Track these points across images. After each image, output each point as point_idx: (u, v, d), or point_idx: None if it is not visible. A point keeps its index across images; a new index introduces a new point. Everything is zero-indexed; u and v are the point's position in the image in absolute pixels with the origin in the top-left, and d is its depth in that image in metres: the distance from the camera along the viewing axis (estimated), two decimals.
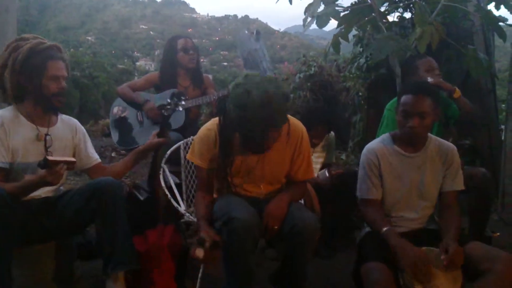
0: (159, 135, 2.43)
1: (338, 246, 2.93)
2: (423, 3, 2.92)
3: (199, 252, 1.75)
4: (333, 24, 3.09)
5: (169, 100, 2.64)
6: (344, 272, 2.28)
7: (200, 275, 2.15)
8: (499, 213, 3.69)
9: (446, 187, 2.10)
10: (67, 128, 2.29)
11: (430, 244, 1.92)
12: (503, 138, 4.01)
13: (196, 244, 1.78)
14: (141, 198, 2.52)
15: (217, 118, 2.08)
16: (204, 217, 1.99)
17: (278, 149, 2.07)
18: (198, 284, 2.15)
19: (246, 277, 1.92)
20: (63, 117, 2.31)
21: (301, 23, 3.14)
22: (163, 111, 2.64)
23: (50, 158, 1.87)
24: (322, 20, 2.80)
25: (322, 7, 2.92)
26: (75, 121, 2.37)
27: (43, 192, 2.13)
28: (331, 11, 2.83)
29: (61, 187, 2.34)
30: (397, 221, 2.09)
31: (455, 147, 2.14)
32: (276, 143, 2.01)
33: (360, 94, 5.22)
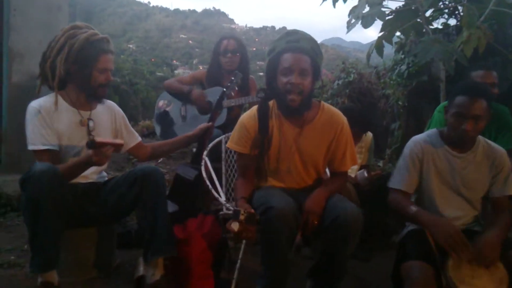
0: (210, 115, 2.64)
1: (375, 248, 2.89)
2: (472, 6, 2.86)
3: (235, 225, 1.73)
4: (370, 37, 3.08)
5: (233, 79, 2.79)
6: (380, 274, 2.25)
7: (237, 266, 2.16)
8: None
9: (496, 192, 2.03)
10: (107, 111, 2.36)
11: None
12: None
13: (232, 218, 1.77)
14: (191, 178, 2.54)
15: (255, 107, 2.16)
16: (242, 197, 2.00)
17: (314, 129, 2.11)
18: (235, 275, 2.15)
19: (282, 268, 1.90)
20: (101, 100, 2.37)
21: (338, 35, 3.22)
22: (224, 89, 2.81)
23: (97, 139, 1.91)
24: (367, 21, 2.78)
25: (367, 9, 2.91)
26: (112, 104, 2.44)
27: (89, 173, 2.20)
28: (377, 11, 2.81)
29: (105, 174, 2.41)
30: None
31: (504, 151, 2.06)
32: (311, 124, 2.11)
33: (400, 102, 5.15)
